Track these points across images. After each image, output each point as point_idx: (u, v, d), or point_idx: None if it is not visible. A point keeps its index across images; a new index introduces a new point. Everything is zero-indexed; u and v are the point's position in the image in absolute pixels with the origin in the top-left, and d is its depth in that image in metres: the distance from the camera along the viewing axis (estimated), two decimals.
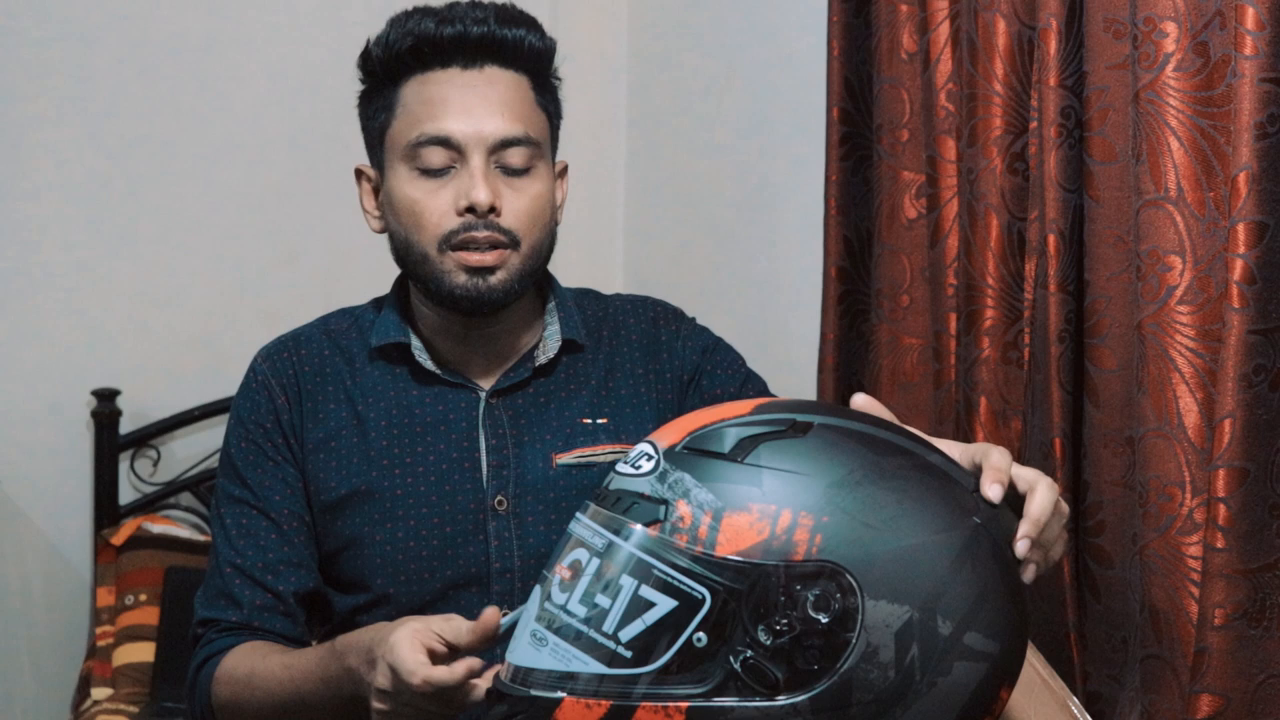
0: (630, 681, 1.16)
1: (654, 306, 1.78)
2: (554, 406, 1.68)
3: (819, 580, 1.14)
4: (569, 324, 1.70)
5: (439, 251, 1.61)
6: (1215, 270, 1.60)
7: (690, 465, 1.19)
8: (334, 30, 3.35)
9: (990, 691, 1.19)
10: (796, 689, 1.14)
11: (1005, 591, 1.20)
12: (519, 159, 1.62)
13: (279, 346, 1.72)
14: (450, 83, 1.62)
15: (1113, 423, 1.78)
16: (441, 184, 1.61)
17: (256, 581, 1.64)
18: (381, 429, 1.66)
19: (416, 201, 1.61)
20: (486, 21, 1.62)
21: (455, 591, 1.62)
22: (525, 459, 1.65)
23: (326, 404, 1.67)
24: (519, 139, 1.62)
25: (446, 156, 1.61)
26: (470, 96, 1.61)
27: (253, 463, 1.67)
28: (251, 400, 1.69)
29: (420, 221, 1.61)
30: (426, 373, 1.68)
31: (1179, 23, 1.61)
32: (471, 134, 1.60)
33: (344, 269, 3.30)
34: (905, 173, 2.21)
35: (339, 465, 1.65)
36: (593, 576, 1.19)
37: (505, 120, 1.61)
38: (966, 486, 1.22)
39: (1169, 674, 1.65)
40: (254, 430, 1.67)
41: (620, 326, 1.75)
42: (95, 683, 3.01)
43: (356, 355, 1.70)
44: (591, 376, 1.70)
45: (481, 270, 1.60)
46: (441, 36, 1.61)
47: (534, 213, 1.63)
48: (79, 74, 3.25)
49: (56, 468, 3.27)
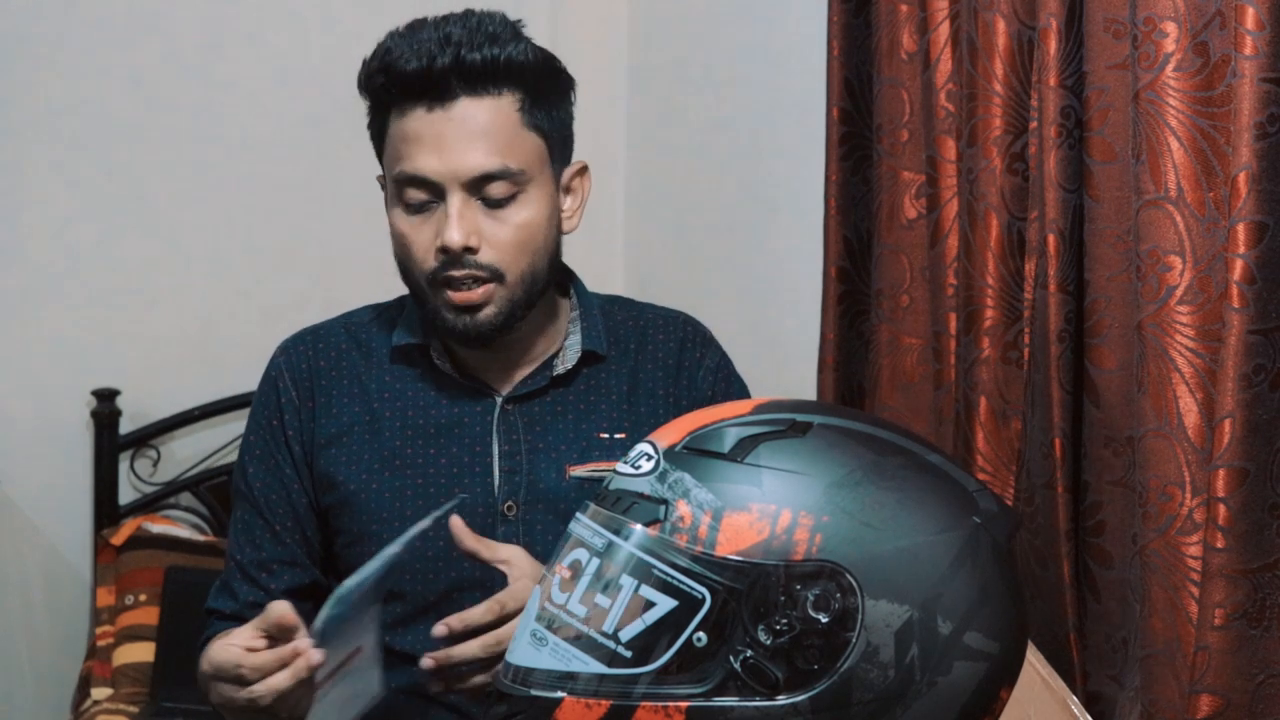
0: (630, 681, 1.16)
1: (685, 326, 1.77)
2: (571, 417, 1.67)
3: (819, 580, 1.14)
4: (591, 334, 1.70)
5: (429, 287, 1.61)
6: (1215, 270, 1.60)
7: (690, 465, 1.19)
8: (334, 31, 3.36)
9: (990, 691, 1.19)
10: (796, 689, 1.14)
11: (1005, 591, 1.20)
12: (499, 191, 1.59)
13: (297, 340, 1.73)
14: (420, 119, 1.57)
15: (1113, 423, 1.78)
16: (424, 220, 1.60)
17: (251, 579, 1.67)
18: (395, 429, 1.66)
19: (405, 235, 1.61)
20: (454, 50, 1.55)
21: (461, 593, 1.62)
22: (538, 467, 1.65)
23: (340, 398, 1.68)
24: (496, 173, 1.58)
25: (425, 194, 1.59)
26: (443, 133, 1.57)
27: (257, 458, 1.70)
28: (264, 394, 1.71)
29: (409, 256, 1.62)
30: (444, 375, 1.68)
31: (1179, 23, 1.61)
32: (445, 173, 1.57)
33: (344, 269, 3.30)
34: (905, 173, 2.21)
35: (349, 461, 1.66)
36: (593, 576, 1.19)
37: (481, 155, 1.57)
38: (966, 486, 1.22)
39: (1169, 674, 1.65)
40: (262, 426, 1.70)
41: (649, 341, 1.73)
42: (95, 683, 3.02)
43: (375, 351, 1.70)
44: (614, 389, 1.70)
45: (467, 308, 1.59)
46: (407, 74, 1.56)
47: (519, 242, 1.60)
48: (79, 74, 3.25)
49: (56, 468, 3.28)
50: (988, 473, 2.02)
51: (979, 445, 2.03)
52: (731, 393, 1.74)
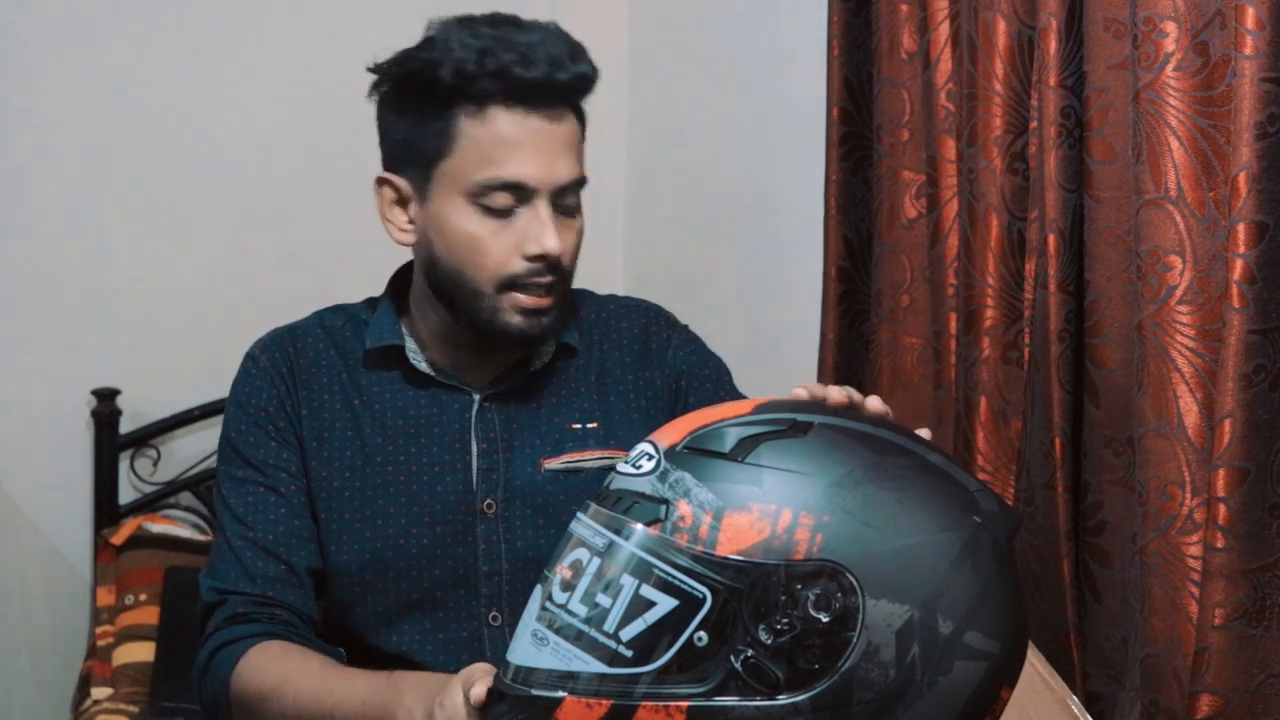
0: (631, 681, 1.16)
1: (647, 312, 1.77)
2: (545, 411, 1.68)
3: (820, 579, 1.14)
4: (566, 328, 1.71)
5: (495, 290, 1.60)
6: (1215, 270, 1.60)
7: (691, 465, 1.19)
8: (335, 31, 3.35)
9: (991, 691, 1.19)
10: (797, 688, 1.14)
11: (1006, 591, 1.20)
12: (573, 200, 1.62)
13: (275, 339, 1.71)
14: (524, 125, 1.57)
15: (1113, 422, 1.78)
16: (504, 224, 1.59)
17: (269, 553, 1.62)
18: (376, 427, 1.66)
19: (479, 239, 1.59)
20: (566, 65, 1.58)
21: (443, 592, 1.62)
22: (514, 463, 1.65)
23: (322, 395, 1.68)
24: (578, 182, 1.61)
25: (513, 199, 1.59)
26: (544, 141, 1.58)
27: (256, 444, 1.66)
28: (252, 385, 1.68)
29: (480, 260, 1.59)
30: (421, 374, 1.68)
31: (1179, 23, 1.61)
32: (545, 180, 1.58)
33: (344, 269, 3.29)
34: (905, 172, 2.21)
35: (331, 457, 1.65)
36: (593, 576, 1.19)
37: (570, 164, 1.60)
38: (967, 486, 1.22)
39: (1169, 674, 1.65)
40: (255, 413, 1.66)
41: (612, 331, 1.74)
42: (95, 682, 3.01)
43: (351, 354, 1.70)
44: (583, 381, 1.71)
45: (537, 312, 1.60)
46: (525, 80, 1.56)
47: (577, 248, 1.64)
48: (79, 74, 3.24)
49: (56, 468, 3.27)
50: (988, 473, 2.02)
51: (979, 445, 2.03)
52: (708, 365, 1.75)
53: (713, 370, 1.75)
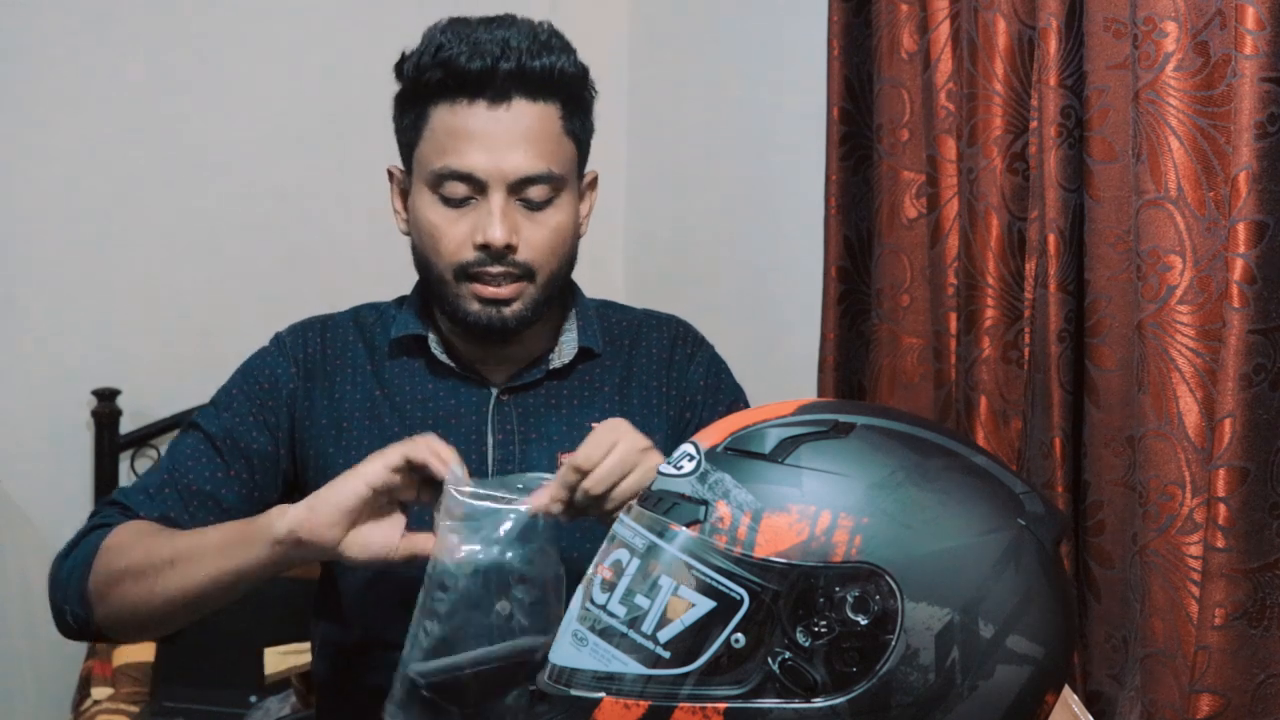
0: (669, 682, 1.15)
1: (676, 326, 1.82)
2: (565, 410, 1.71)
3: (858, 582, 1.13)
4: (587, 332, 1.74)
5: (455, 279, 1.64)
6: (1215, 270, 1.60)
7: (731, 466, 1.18)
8: (337, 31, 3.36)
9: (1035, 695, 1.17)
10: (835, 691, 1.13)
11: (1050, 594, 1.17)
12: (539, 194, 1.63)
13: (306, 325, 1.76)
14: (475, 116, 1.60)
15: (1113, 422, 1.78)
16: (461, 214, 1.62)
17: (184, 500, 1.65)
18: (394, 417, 1.69)
19: (436, 227, 1.63)
20: (516, 55, 1.60)
21: None
22: (530, 457, 1.67)
23: (344, 385, 1.71)
24: (540, 176, 1.62)
25: (467, 189, 1.62)
26: (494, 132, 1.60)
27: (235, 409, 1.69)
28: (264, 359, 1.73)
29: (438, 248, 1.64)
30: (442, 366, 1.71)
31: (1179, 22, 1.61)
32: (493, 171, 1.60)
33: (344, 269, 3.30)
34: (905, 172, 2.21)
35: (349, 446, 1.68)
36: (633, 577, 1.18)
37: (528, 157, 1.61)
38: (1013, 489, 1.21)
39: (1169, 674, 1.65)
40: (254, 386, 1.71)
41: (642, 339, 1.78)
42: (95, 683, 3.02)
43: (378, 347, 1.74)
44: (606, 383, 1.74)
45: (496, 302, 1.63)
46: (468, 71, 1.59)
47: (553, 244, 1.64)
48: (79, 75, 3.25)
49: (56, 468, 3.27)
50: None
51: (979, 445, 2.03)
52: (722, 388, 1.78)
53: (726, 396, 1.78)
